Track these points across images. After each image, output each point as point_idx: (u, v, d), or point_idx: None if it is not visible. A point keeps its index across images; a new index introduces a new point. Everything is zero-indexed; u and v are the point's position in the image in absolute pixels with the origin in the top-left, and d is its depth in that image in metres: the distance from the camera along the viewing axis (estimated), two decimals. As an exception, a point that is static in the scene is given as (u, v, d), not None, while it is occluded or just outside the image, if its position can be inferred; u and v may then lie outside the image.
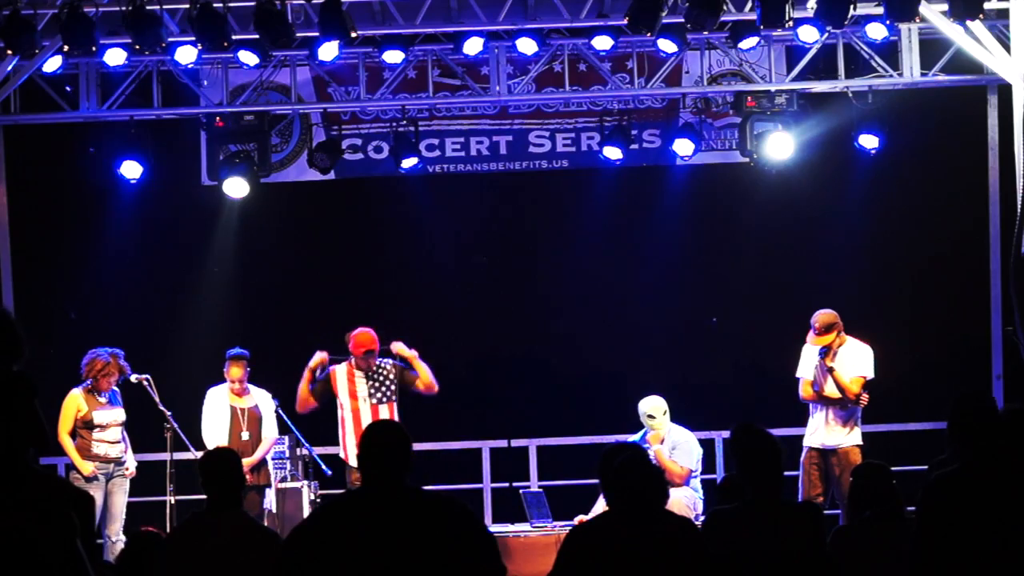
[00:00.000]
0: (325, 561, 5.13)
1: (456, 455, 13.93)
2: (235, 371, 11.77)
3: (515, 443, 13.89)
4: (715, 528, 6.42)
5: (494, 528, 11.49)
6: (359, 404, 11.31)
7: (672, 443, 11.27)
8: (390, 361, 11.42)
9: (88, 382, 11.48)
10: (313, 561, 5.15)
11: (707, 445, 13.24)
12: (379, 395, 11.30)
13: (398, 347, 11.39)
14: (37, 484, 4.47)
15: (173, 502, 11.73)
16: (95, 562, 4.79)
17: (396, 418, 11.19)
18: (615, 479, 6.00)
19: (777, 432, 6.62)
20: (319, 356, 11.38)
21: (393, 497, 5.20)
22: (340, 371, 11.38)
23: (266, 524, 11.15)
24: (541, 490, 12.24)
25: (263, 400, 11.94)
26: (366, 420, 11.17)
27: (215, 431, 11.68)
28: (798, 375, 11.46)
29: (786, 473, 6.47)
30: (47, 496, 4.44)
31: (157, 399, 11.68)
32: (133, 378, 11.65)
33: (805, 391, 11.42)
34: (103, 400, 11.50)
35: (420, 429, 11.28)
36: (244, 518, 6.88)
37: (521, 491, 12.11)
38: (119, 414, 11.58)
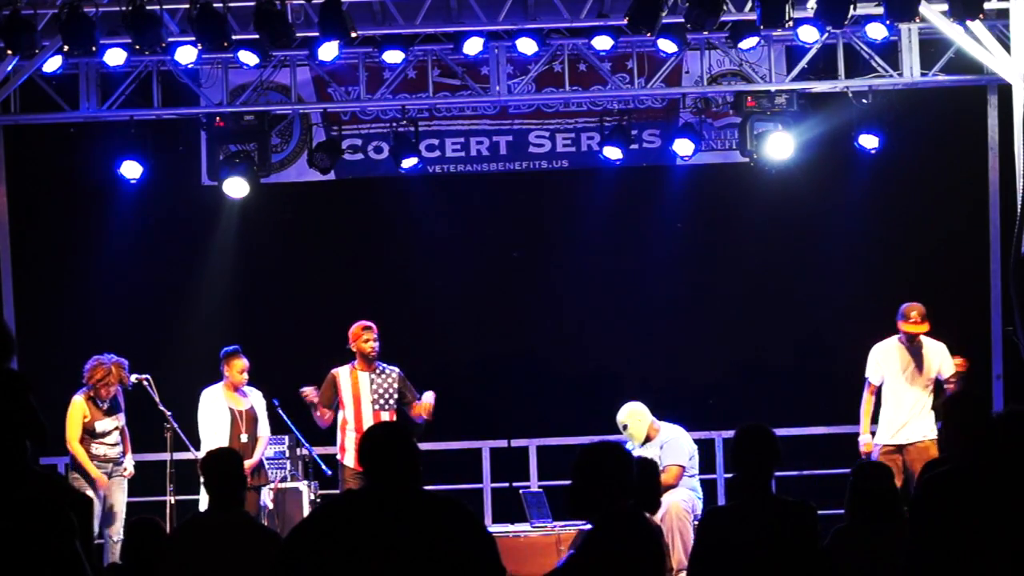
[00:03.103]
0: (324, 561, 5.13)
1: (456, 455, 13.93)
2: (240, 363, 11.73)
3: (515, 443, 13.89)
4: (711, 526, 6.44)
5: (494, 528, 11.49)
6: (361, 406, 11.30)
7: (660, 442, 11.25)
8: (396, 370, 11.41)
9: (88, 387, 11.49)
10: (312, 561, 5.15)
11: (707, 445, 13.24)
12: (382, 400, 11.30)
13: (428, 401, 11.35)
14: (37, 485, 4.48)
15: (173, 502, 11.74)
16: (93, 563, 4.80)
17: None
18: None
19: (778, 432, 6.63)
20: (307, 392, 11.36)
21: (393, 497, 5.20)
22: (343, 373, 11.37)
23: (264, 524, 11.15)
24: (541, 490, 12.25)
25: (257, 400, 11.94)
26: (367, 423, 11.18)
27: (215, 433, 11.65)
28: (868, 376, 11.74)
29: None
30: (46, 497, 4.45)
31: (157, 399, 11.69)
32: (133, 378, 11.65)
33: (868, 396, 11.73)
34: (104, 407, 11.51)
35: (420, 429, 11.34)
36: (245, 518, 6.90)
37: (521, 491, 12.11)
38: (119, 419, 11.59)
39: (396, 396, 11.31)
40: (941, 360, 11.54)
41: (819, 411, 13.81)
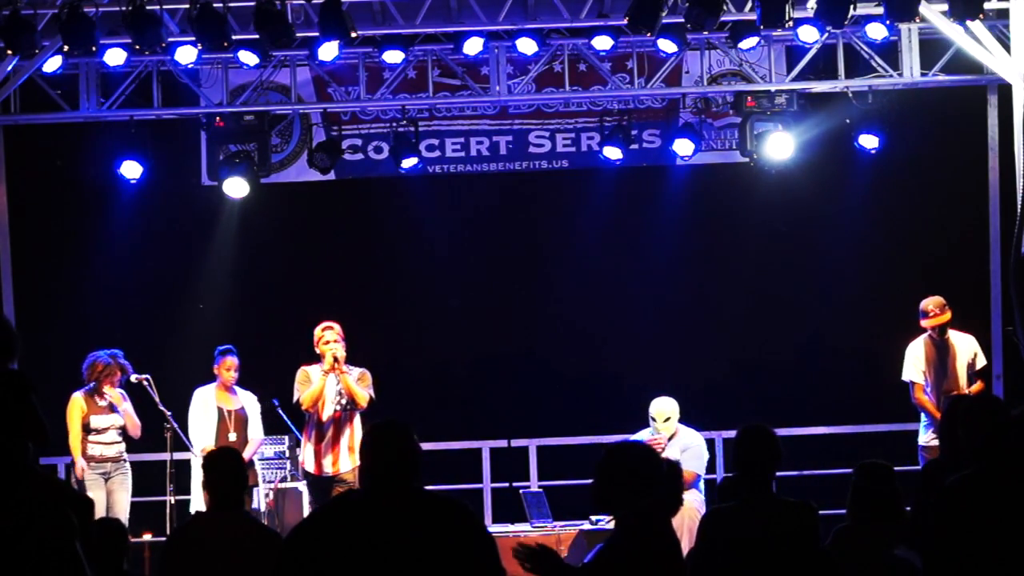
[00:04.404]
0: (324, 560, 5.13)
1: (456, 455, 13.93)
2: (227, 361, 11.77)
3: (515, 443, 13.89)
4: (712, 526, 6.44)
5: (494, 528, 11.48)
6: (324, 409, 11.26)
7: (683, 445, 11.25)
8: (358, 370, 11.37)
9: (91, 385, 11.50)
10: (313, 560, 5.15)
11: (707, 445, 13.24)
12: (344, 401, 11.25)
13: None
14: (37, 485, 4.47)
15: (173, 502, 11.75)
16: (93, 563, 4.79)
17: (358, 427, 11.20)
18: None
19: (778, 432, 6.62)
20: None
21: (393, 497, 5.20)
22: (313, 373, 11.35)
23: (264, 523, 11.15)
24: (541, 490, 12.24)
25: (249, 401, 11.94)
26: (327, 427, 11.20)
27: (202, 432, 11.71)
28: (906, 378, 11.60)
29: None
30: (47, 497, 4.45)
31: (157, 399, 11.69)
32: (133, 378, 11.67)
33: (919, 395, 11.51)
34: (103, 405, 11.51)
35: (420, 429, 11.28)
36: (246, 518, 6.91)
37: (521, 491, 12.10)
38: (116, 419, 11.56)
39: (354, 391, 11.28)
40: (972, 353, 11.61)
41: (819, 411, 13.81)
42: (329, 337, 11.27)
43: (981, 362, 11.65)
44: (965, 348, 11.66)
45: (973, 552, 5.34)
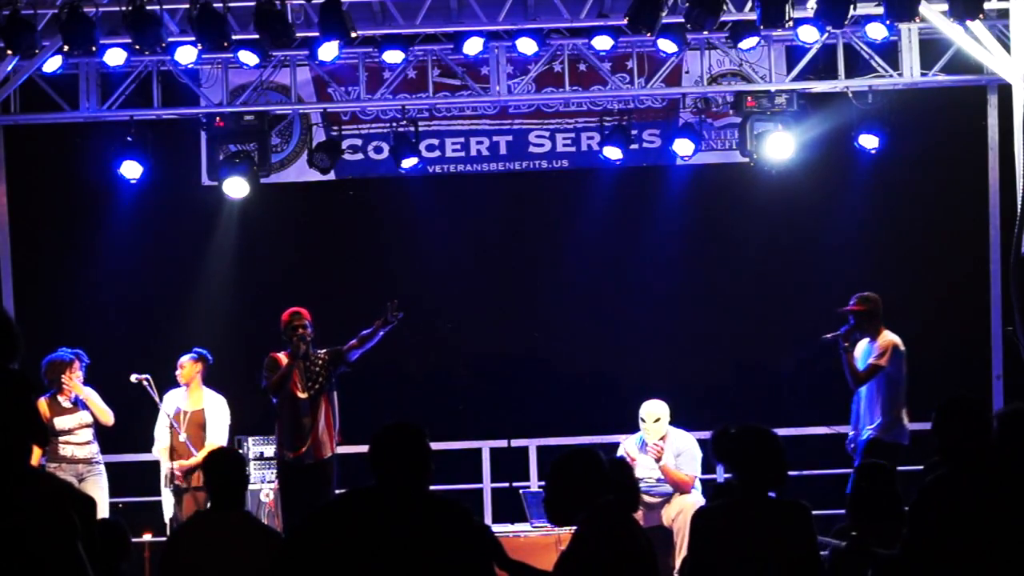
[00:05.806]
0: (321, 558, 5.14)
1: (456, 455, 13.93)
2: (180, 362, 11.82)
3: (515, 443, 13.88)
4: (705, 526, 6.43)
5: (494, 528, 11.47)
6: (296, 394, 11.22)
7: (676, 450, 11.26)
8: (324, 351, 11.35)
9: (53, 391, 11.47)
10: (310, 557, 5.15)
11: (707, 445, 13.25)
12: (315, 386, 11.20)
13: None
14: (39, 485, 4.47)
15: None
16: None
17: (332, 408, 11.18)
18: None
19: (778, 432, 6.62)
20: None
21: (396, 498, 5.20)
22: (283, 360, 11.34)
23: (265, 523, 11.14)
24: (541, 490, 12.24)
25: (213, 403, 11.84)
26: (303, 410, 11.12)
27: (159, 432, 11.76)
28: None
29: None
30: (49, 497, 4.45)
31: (157, 399, 11.70)
32: (133, 378, 11.67)
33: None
34: (67, 406, 11.47)
35: (420, 429, 11.28)
36: (247, 517, 6.93)
37: (521, 491, 12.10)
38: (83, 416, 11.51)
39: (331, 376, 11.22)
40: (864, 352, 11.23)
41: (819, 411, 13.80)
42: (296, 323, 11.26)
43: (868, 359, 11.05)
44: (863, 346, 11.26)
45: (945, 550, 5.36)
